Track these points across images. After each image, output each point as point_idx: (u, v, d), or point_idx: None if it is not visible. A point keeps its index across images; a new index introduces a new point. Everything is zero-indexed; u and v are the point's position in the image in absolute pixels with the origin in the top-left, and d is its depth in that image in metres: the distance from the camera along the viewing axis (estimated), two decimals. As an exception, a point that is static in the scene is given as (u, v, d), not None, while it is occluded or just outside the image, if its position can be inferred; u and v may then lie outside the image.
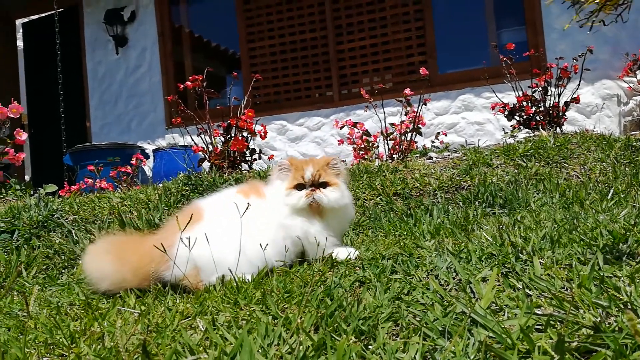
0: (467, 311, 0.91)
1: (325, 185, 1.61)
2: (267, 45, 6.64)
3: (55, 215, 2.42)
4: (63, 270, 2.05)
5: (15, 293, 1.80)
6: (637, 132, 4.61)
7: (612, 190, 2.59)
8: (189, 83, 3.30)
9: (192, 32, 7.26)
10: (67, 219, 2.45)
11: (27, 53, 8.08)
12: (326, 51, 6.42)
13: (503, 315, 0.94)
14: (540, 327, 0.86)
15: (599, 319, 0.84)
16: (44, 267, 2.09)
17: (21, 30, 8.25)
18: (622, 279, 1.05)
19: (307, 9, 6.50)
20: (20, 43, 8.28)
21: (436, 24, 6.18)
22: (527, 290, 1.06)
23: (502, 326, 0.84)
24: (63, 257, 2.13)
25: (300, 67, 6.54)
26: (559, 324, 0.87)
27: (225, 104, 3.55)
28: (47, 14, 7.65)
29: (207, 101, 3.35)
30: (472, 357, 0.78)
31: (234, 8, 6.76)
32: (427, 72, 3.70)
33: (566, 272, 1.13)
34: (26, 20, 8.19)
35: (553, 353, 0.69)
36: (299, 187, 1.61)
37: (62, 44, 6.77)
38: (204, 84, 3.30)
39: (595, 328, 0.82)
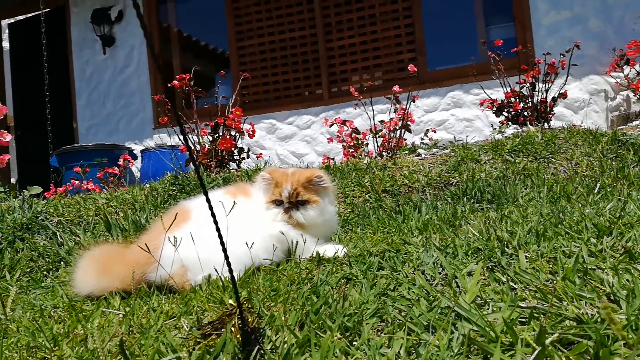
0: (452, 305, 0.91)
1: (304, 202, 1.56)
2: (257, 44, 6.62)
3: (40, 218, 2.39)
4: (47, 273, 2.02)
5: (-2, 296, 1.78)
6: (624, 127, 4.65)
7: (598, 184, 2.61)
8: (176, 82, 3.27)
9: (180, 31, 7.22)
10: (51, 221, 2.41)
11: (13, 54, 7.99)
12: (315, 49, 6.40)
13: (488, 308, 0.93)
14: (524, 319, 0.86)
15: (581, 310, 0.83)
16: (28, 269, 2.06)
17: (7, 31, 8.15)
18: (605, 270, 1.05)
19: (296, 7, 6.49)
20: (5, 44, 8.19)
21: (425, 20, 6.19)
22: (512, 284, 1.06)
23: (486, 320, 0.83)
24: (47, 259, 2.10)
25: (290, 65, 6.52)
26: (542, 316, 0.87)
27: (214, 103, 3.53)
28: (33, 14, 7.56)
29: (195, 100, 3.32)
30: (456, 351, 0.78)
31: (222, 6, 6.73)
32: (415, 69, 3.70)
33: (551, 265, 1.13)
34: (12, 20, 8.09)
35: (535, 345, 0.69)
36: (278, 202, 1.58)
37: (48, 44, 6.70)
38: (192, 83, 3.27)
39: (578, 320, 0.82)
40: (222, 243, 1.48)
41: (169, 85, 3.33)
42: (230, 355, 0.81)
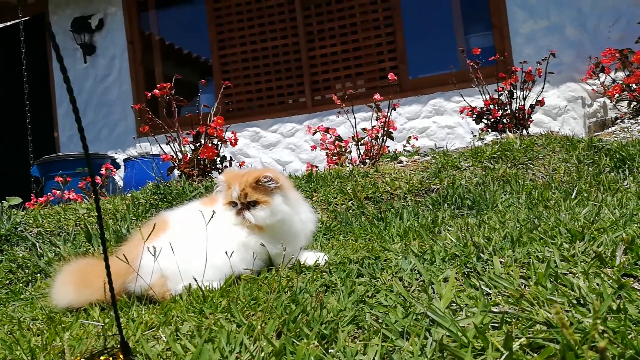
0: (426, 312, 0.93)
1: (254, 203, 1.55)
2: (239, 52, 6.63)
3: (19, 229, 2.36)
4: (26, 285, 2.00)
5: (-25, 309, 1.75)
6: (601, 133, 4.75)
7: (575, 190, 2.66)
8: (156, 91, 3.26)
9: (162, 39, 7.20)
10: (31, 232, 2.39)
11: (-9, 62, 7.88)
12: (298, 57, 6.44)
13: (462, 314, 0.95)
14: (496, 324, 0.88)
15: (551, 315, 0.86)
16: (7, 281, 2.03)
17: (-15, 40, 8.04)
18: (577, 275, 1.08)
19: (278, 16, 6.52)
20: (-16, 52, 8.06)
21: (406, 29, 6.27)
22: (487, 289, 1.08)
23: (458, 325, 0.85)
24: (27, 270, 2.08)
25: (273, 73, 6.54)
26: (515, 320, 0.89)
27: (196, 112, 3.53)
28: (11, 22, 7.48)
29: (176, 109, 3.32)
30: (429, 356, 0.79)
31: (204, 15, 6.73)
32: (395, 78, 3.74)
33: (525, 271, 1.15)
34: (-10, 29, 7.98)
35: (503, 350, 0.71)
36: (233, 204, 1.58)
37: (27, 52, 6.62)
38: (172, 92, 3.27)
39: (547, 324, 0.84)
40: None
41: (150, 94, 3.32)
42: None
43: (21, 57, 6.57)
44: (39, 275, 2.05)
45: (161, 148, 3.47)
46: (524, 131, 4.10)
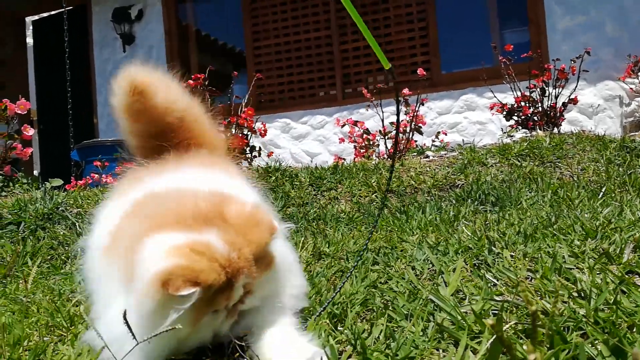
0: (431, 297, 0.99)
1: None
2: (273, 44, 6.72)
3: (60, 209, 2.51)
4: (66, 260, 2.14)
5: (20, 281, 1.90)
6: (637, 133, 4.64)
7: (603, 190, 2.64)
8: (191, 82, 3.38)
9: (199, 30, 7.36)
10: (71, 211, 2.54)
11: (36, 50, 8.22)
12: (330, 50, 6.49)
13: (465, 301, 1.01)
14: (496, 312, 0.93)
15: (549, 305, 0.90)
16: (49, 257, 2.18)
17: (31, 28, 8.39)
18: (583, 270, 1.12)
19: (311, 9, 6.57)
20: (29, 40, 8.42)
21: (440, 23, 6.23)
22: (494, 280, 1.13)
23: (460, 311, 0.91)
24: (67, 248, 2.22)
25: (305, 65, 6.61)
26: (515, 309, 0.94)
27: (227, 102, 3.64)
28: (56, 12, 7.78)
29: (209, 99, 3.43)
30: (429, 336, 0.86)
31: (240, 7, 6.85)
32: (424, 73, 3.76)
33: (533, 264, 1.19)
34: (36, 17, 8.32)
35: (494, 332, 0.77)
36: None
37: (70, 41, 6.88)
38: (206, 83, 3.38)
39: (544, 313, 0.89)
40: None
41: (184, 85, 3.44)
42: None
43: (64, 45, 6.84)
44: (78, 252, 2.19)
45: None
46: (555, 129, 4.05)
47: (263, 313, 0.84)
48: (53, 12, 7.91)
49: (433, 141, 5.14)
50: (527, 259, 1.24)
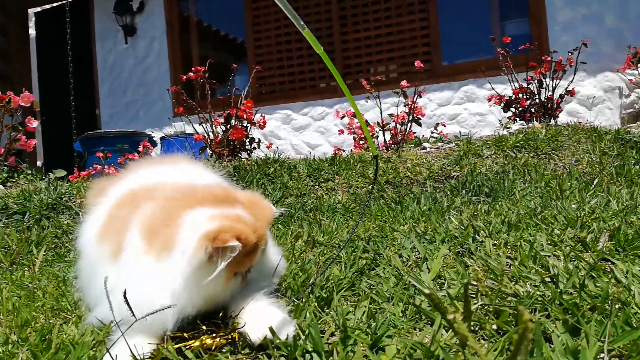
0: (412, 282, 1.05)
1: None
2: (274, 35, 6.75)
3: (64, 199, 2.58)
4: (71, 249, 2.21)
5: (26, 268, 1.97)
6: (634, 125, 4.67)
7: (595, 181, 2.69)
8: (191, 74, 3.44)
9: (200, 20, 7.39)
10: (74, 202, 2.61)
11: (39, 42, 8.27)
12: (331, 41, 6.51)
13: (445, 285, 1.07)
14: (473, 295, 1.00)
15: (522, 289, 0.97)
16: (53, 245, 2.26)
17: (34, 19, 8.43)
18: (559, 257, 1.18)
19: (313, 0, 6.59)
20: (32, 32, 8.47)
21: (440, 15, 6.24)
22: (475, 267, 1.19)
23: (437, 294, 0.97)
24: (70, 236, 2.30)
25: (306, 57, 6.64)
26: (490, 291, 1.00)
27: (227, 94, 3.69)
28: (58, 3, 7.81)
29: (209, 91, 3.49)
30: (408, 317, 0.92)
31: (241, -3, 6.87)
32: (422, 65, 3.80)
33: (512, 252, 1.26)
34: (39, 9, 8.36)
35: (462, 310, 0.83)
36: None
37: (72, 33, 6.93)
38: (206, 75, 3.43)
39: (515, 295, 0.95)
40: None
41: (185, 77, 3.50)
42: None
43: (66, 37, 6.89)
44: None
45: (194, 128, 3.66)
46: (552, 121, 4.09)
47: (250, 284, 0.95)
48: (55, 4, 7.94)
49: (432, 132, 5.19)
50: (507, 247, 1.30)
